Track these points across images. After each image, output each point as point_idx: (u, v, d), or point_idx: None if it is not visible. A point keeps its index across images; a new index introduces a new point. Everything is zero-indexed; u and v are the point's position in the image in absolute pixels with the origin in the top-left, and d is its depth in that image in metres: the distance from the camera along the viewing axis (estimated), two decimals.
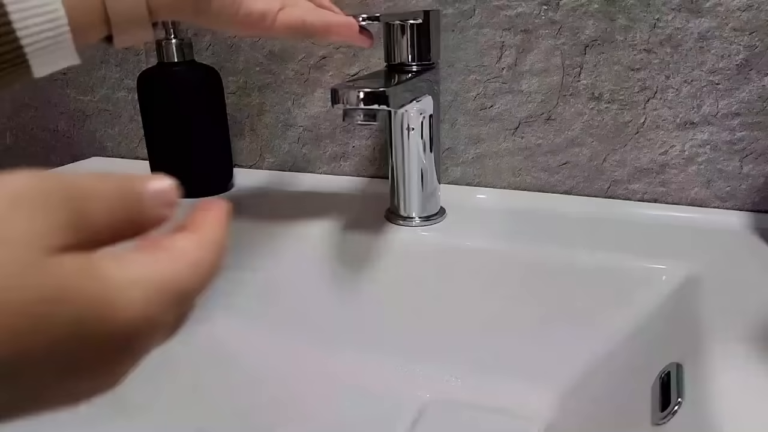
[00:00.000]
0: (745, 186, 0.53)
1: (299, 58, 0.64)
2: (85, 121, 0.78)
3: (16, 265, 0.14)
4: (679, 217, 0.54)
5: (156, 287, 0.17)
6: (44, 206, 0.15)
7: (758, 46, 0.49)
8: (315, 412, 0.49)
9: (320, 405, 0.50)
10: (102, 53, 0.73)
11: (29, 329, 0.14)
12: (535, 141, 0.58)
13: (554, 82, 0.56)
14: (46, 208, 0.16)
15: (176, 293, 0.18)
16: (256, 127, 0.69)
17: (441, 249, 0.52)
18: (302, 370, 0.53)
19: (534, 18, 0.54)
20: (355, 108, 0.41)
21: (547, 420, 0.46)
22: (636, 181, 0.56)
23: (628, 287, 0.47)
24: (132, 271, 0.17)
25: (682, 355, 0.40)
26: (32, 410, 0.16)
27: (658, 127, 0.54)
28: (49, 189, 0.16)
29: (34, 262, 0.15)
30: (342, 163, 0.66)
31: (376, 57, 0.61)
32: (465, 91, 0.59)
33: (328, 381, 0.52)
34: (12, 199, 0.15)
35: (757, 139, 0.52)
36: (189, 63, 0.61)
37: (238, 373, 0.52)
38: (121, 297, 0.16)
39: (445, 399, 0.49)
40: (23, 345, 0.15)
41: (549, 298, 0.49)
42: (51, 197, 0.16)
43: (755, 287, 0.43)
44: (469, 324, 0.51)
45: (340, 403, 0.50)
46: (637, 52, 0.53)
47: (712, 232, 0.51)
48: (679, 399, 0.37)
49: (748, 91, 0.51)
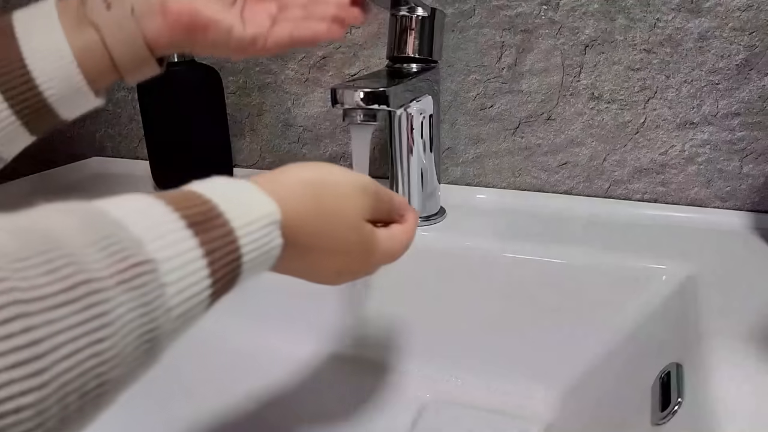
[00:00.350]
0: (745, 186, 0.53)
1: (299, 58, 0.64)
2: (85, 121, 0.78)
3: (356, 218, 0.31)
4: (679, 217, 0.54)
5: (386, 253, 0.34)
6: (367, 196, 0.32)
7: (758, 46, 0.49)
8: (314, 411, 0.49)
9: (320, 405, 0.50)
10: None
11: (342, 243, 0.31)
12: (535, 141, 0.58)
13: (554, 81, 0.56)
14: (368, 197, 0.32)
15: (392, 258, 0.34)
16: (256, 127, 0.69)
17: (441, 249, 0.52)
18: (302, 369, 0.53)
19: (534, 18, 0.54)
20: (355, 108, 0.41)
21: (547, 420, 0.46)
22: (636, 181, 0.56)
23: (628, 287, 0.47)
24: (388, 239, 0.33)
25: (682, 355, 0.40)
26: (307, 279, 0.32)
27: (658, 126, 0.54)
28: (373, 189, 0.32)
29: (360, 221, 0.31)
30: (342, 163, 0.66)
31: (377, 57, 0.61)
32: (465, 91, 0.59)
33: (328, 381, 0.52)
34: (361, 186, 0.31)
35: (757, 138, 0.52)
36: (189, 63, 0.61)
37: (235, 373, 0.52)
38: (376, 250, 0.33)
39: (446, 399, 0.49)
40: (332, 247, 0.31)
41: (549, 298, 0.49)
42: (372, 194, 0.32)
43: (755, 287, 0.43)
44: (469, 324, 0.51)
45: (340, 403, 0.50)
46: (637, 52, 0.53)
47: (712, 232, 0.51)
48: (679, 399, 0.37)
49: (748, 91, 0.51)
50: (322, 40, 0.40)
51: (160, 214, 0.23)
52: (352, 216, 0.31)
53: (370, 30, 0.60)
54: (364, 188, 0.31)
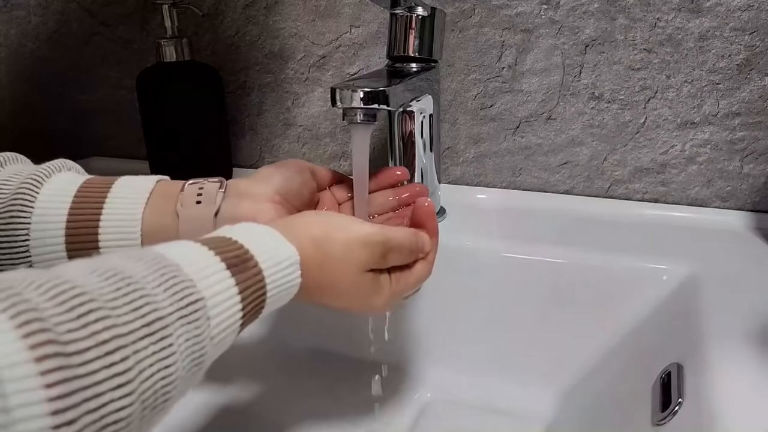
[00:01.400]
0: (745, 186, 0.53)
1: (299, 57, 0.64)
2: (85, 121, 0.77)
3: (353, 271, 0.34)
4: (679, 217, 0.54)
5: (392, 295, 0.36)
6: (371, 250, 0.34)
7: (759, 46, 0.49)
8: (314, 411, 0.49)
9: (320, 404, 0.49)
10: (102, 52, 0.73)
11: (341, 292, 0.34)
12: (535, 141, 0.58)
13: (554, 81, 0.56)
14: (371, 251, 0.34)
15: (401, 296, 0.37)
16: (256, 127, 0.69)
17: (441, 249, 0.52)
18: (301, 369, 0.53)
19: (534, 17, 0.54)
20: (355, 107, 0.41)
21: (547, 420, 0.46)
22: (636, 180, 0.56)
23: (628, 287, 0.47)
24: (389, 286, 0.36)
25: (683, 355, 0.39)
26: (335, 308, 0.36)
27: (659, 126, 0.54)
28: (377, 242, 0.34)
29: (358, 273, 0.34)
30: (342, 162, 0.66)
31: (377, 56, 0.61)
32: (465, 91, 0.59)
33: (327, 381, 0.52)
34: (362, 241, 0.34)
35: (757, 138, 0.52)
36: (189, 63, 0.61)
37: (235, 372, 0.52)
38: (378, 295, 0.36)
39: (447, 399, 0.49)
40: (333, 293, 0.34)
41: (549, 298, 0.49)
42: (376, 247, 0.34)
43: (756, 287, 0.43)
44: (469, 323, 0.51)
45: (340, 402, 0.50)
46: (638, 52, 0.52)
47: (713, 232, 0.51)
48: (680, 399, 0.37)
49: (749, 91, 0.51)
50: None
51: (206, 257, 0.28)
52: (351, 268, 0.34)
53: (370, 29, 0.60)
54: (364, 242, 0.34)
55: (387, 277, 0.36)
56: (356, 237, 0.34)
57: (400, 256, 0.36)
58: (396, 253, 0.35)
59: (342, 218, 0.36)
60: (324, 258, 0.33)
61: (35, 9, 0.73)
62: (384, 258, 0.35)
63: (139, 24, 0.69)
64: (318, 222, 0.34)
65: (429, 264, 0.38)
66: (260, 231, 0.32)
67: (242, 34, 0.65)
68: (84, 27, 0.72)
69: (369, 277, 0.35)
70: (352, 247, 0.34)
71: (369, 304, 0.36)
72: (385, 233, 0.35)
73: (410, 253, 0.37)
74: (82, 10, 0.72)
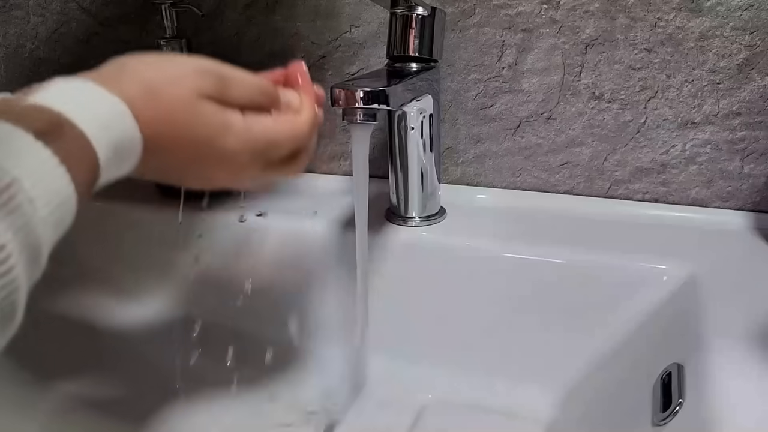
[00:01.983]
0: (746, 186, 0.53)
1: (299, 57, 0.64)
2: None
3: (188, 95, 0.31)
4: (679, 217, 0.54)
5: (249, 139, 0.33)
6: (203, 75, 0.32)
7: (759, 46, 0.49)
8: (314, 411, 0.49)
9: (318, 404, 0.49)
10: (101, 52, 0.73)
11: (182, 126, 0.31)
12: (535, 141, 0.58)
13: (555, 81, 0.55)
14: (203, 75, 0.32)
15: (264, 143, 0.34)
16: None
17: (441, 249, 0.52)
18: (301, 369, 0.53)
19: (534, 17, 0.54)
20: (355, 107, 0.41)
21: (547, 420, 0.46)
22: (637, 180, 0.56)
23: (628, 287, 0.47)
24: (242, 123, 0.32)
25: (683, 355, 0.39)
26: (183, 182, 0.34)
27: (659, 126, 0.54)
28: (210, 69, 0.32)
29: (195, 97, 0.31)
30: (342, 162, 0.66)
31: (376, 56, 0.61)
32: (465, 91, 0.58)
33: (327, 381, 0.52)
34: (194, 68, 0.32)
35: (758, 138, 0.52)
36: None
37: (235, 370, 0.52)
38: (228, 133, 0.32)
39: (447, 399, 0.49)
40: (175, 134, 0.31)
41: (549, 299, 0.49)
42: (209, 73, 0.32)
43: (756, 287, 0.43)
44: (469, 324, 0.51)
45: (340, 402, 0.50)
46: (638, 52, 0.52)
47: (713, 232, 0.51)
48: (681, 399, 0.36)
49: (750, 91, 0.51)
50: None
51: (8, 133, 0.24)
52: (185, 92, 0.31)
53: (370, 29, 0.60)
54: (196, 69, 0.32)
55: (237, 114, 0.33)
56: (188, 66, 0.32)
57: (243, 90, 0.33)
58: (238, 86, 0.33)
59: (173, 56, 0.33)
60: (155, 95, 0.30)
61: (34, 9, 0.73)
62: (222, 84, 0.32)
63: (138, 24, 0.69)
64: (144, 62, 0.32)
65: (302, 123, 0.35)
66: (72, 87, 0.28)
67: (242, 34, 0.65)
68: (83, 27, 0.72)
69: (211, 106, 0.32)
70: (184, 74, 0.31)
71: (222, 145, 0.32)
72: (224, 66, 0.33)
73: (260, 92, 0.34)
74: (81, 11, 0.72)
